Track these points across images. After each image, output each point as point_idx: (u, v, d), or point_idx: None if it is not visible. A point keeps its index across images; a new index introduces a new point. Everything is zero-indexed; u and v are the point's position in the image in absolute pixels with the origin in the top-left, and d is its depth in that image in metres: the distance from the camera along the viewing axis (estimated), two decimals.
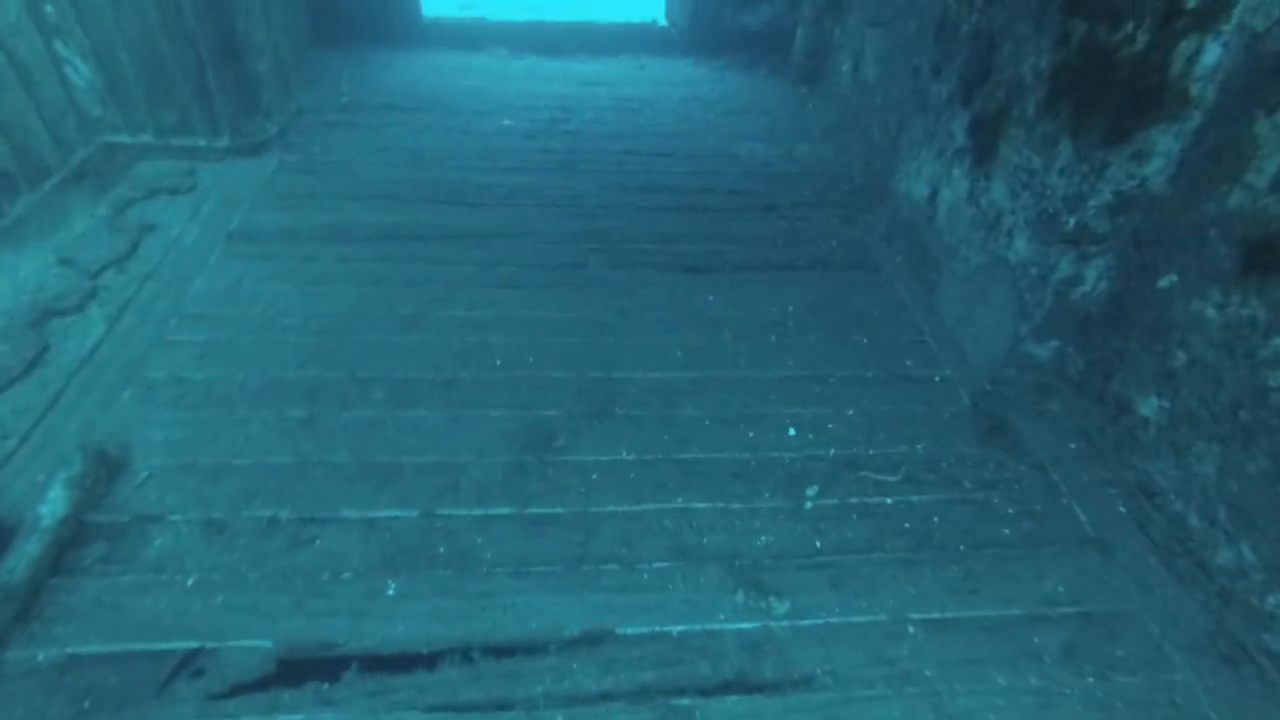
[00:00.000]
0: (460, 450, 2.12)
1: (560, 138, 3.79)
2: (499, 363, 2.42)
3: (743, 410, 2.30)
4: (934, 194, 2.81)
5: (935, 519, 1.98)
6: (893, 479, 2.10)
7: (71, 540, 1.81)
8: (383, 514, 1.94)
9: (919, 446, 2.20)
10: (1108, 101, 1.99)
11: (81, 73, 3.19)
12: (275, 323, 2.50)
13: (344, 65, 4.35)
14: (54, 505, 1.83)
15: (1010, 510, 2.00)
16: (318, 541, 1.88)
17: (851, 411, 2.31)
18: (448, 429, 2.18)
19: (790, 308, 2.73)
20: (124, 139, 3.32)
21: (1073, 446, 2.19)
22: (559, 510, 1.97)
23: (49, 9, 3.04)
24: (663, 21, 5.00)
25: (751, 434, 2.22)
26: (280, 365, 2.34)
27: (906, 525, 1.97)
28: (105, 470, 1.95)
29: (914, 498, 2.05)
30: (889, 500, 2.04)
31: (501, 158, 3.57)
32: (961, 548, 1.91)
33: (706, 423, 2.25)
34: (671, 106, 4.22)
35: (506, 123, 3.91)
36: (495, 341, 2.49)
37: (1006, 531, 1.95)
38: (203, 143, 3.34)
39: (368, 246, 2.88)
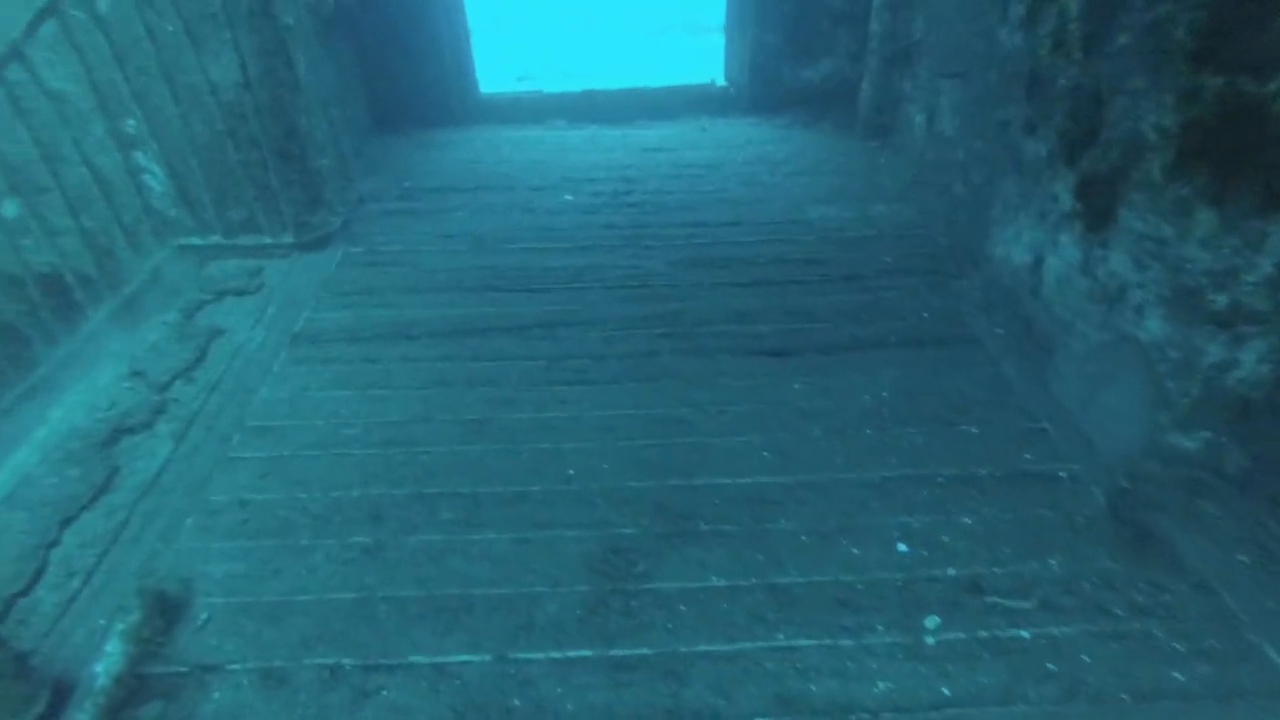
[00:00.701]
0: (534, 579, 1.94)
1: (623, 211, 3.67)
2: (571, 472, 2.24)
3: (843, 521, 2.06)
4: (1038, 261, 2.55)
5: (1085, 658, 1.69)
6: (1026, 605, 1.81)
7: (126, 700, 1.69)
8: (452, 659, 1.76)
9: (1052, 562, 1.92)
10: (1261, 164, 1.72)
11: (158, 178, 3.24)
12: (337, 435, 2.39)
13: (404, 149, 4.37)
14: (110, 661, 1.71)
15: (1179, 647, 1.69)
16: (384, 693, 1.71)
17: (968, 519, 2.04)
18: (519, 554, 2.00)
19: (884, 393, 2.49)
20: (195, 240, 3.35)
21: (1243, 560, 1.86)
22: (645, 651, 1.76)
23: (130, 124, 3.10)
24: (721, 81, 4.90)
25: (855, 551, 1.97)
26: (343, 484, 2.22)
27: (1051, 667, 1.68)
28: (164, 617, 1.84)
29: (1055, 630, 1.76)
30: (1025, 633, 1.76)
31: (564, 236, 3.47)
32: (1125, 697, 1.61)
33: (803, 538, 2.02)
34: (736, 170, 4.07)
35: (567, 198, 3.82)
36: (567, 448, 2.32)
37: (1179, 677, 1.64)
38: (269, 240, 3.34)
39: (431, 344, 2.78)
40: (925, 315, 2.86)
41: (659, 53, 6.31)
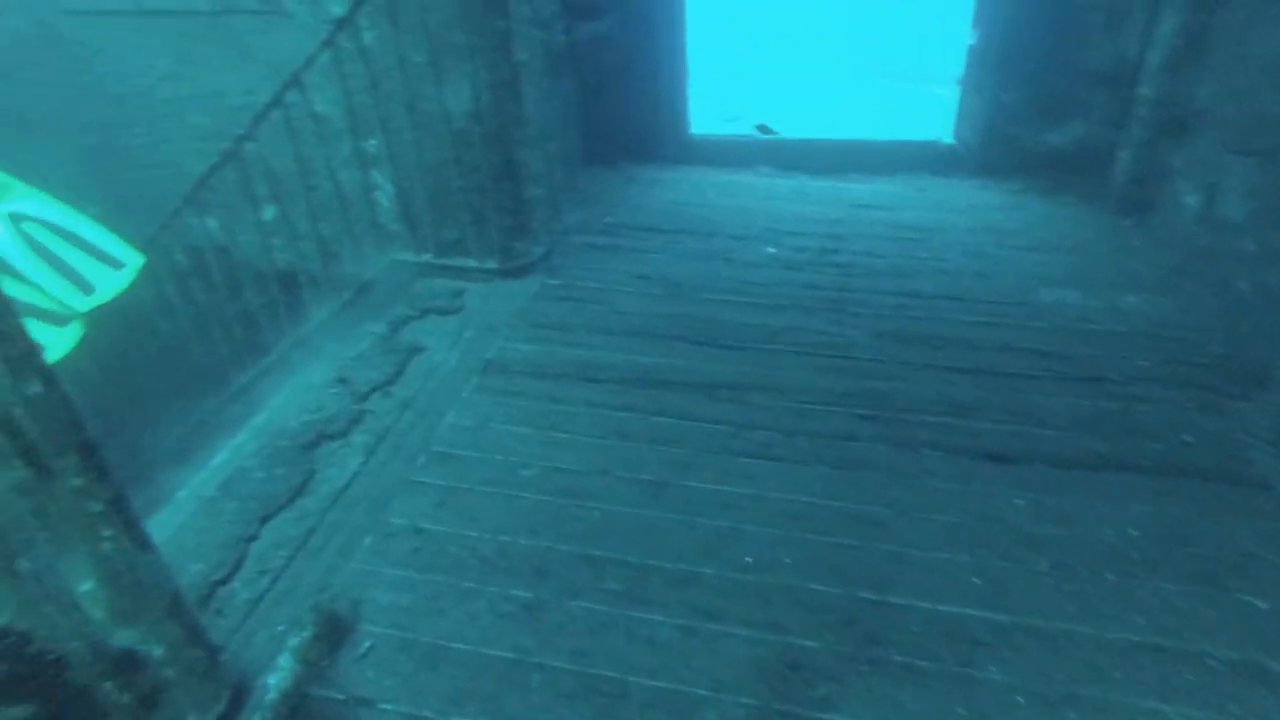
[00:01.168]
0: (697, 678, 1.75)
1: (828, 271, 3.44)
2: (749, 560, 2.05)
3: (1072, 688, 1.70)
4: None
5: None
6: None
7: (288, 717, 1.70)
8: None
9: None
10: None
11: (388, 195, 3.45)
12: (514, 474, 2.35)
13: (612, 183, 4.41)
14: (281, 676, 1.74)
15: None
16: None
17: None
18: (684, 645, 1.83)
19: (1133, 532, 2.08)
20: (409, 257, 3.53)
21: None
22: None
23: (372, 144, 3.34)
24: (948, 139, 4.53)
25: None
26: (513, 528, 2.16)
27: None
28: (332, 638, 1.85)
29: None
30: None
31: (762, 292, 3.29)
32: None
33: (1019, 699, 1.68)
34: (958, 237, 3.71)
35: (769, 250, 3.65)
36: (747, 530, 2.13)
37: None
38: (474, 264, 3.45)
39: (615, 391, 2.70)
40: (1189, 440, 2.38)
41: (859, 100, 6.02)
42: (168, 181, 4.01)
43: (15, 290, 3.12)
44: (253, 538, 2.20)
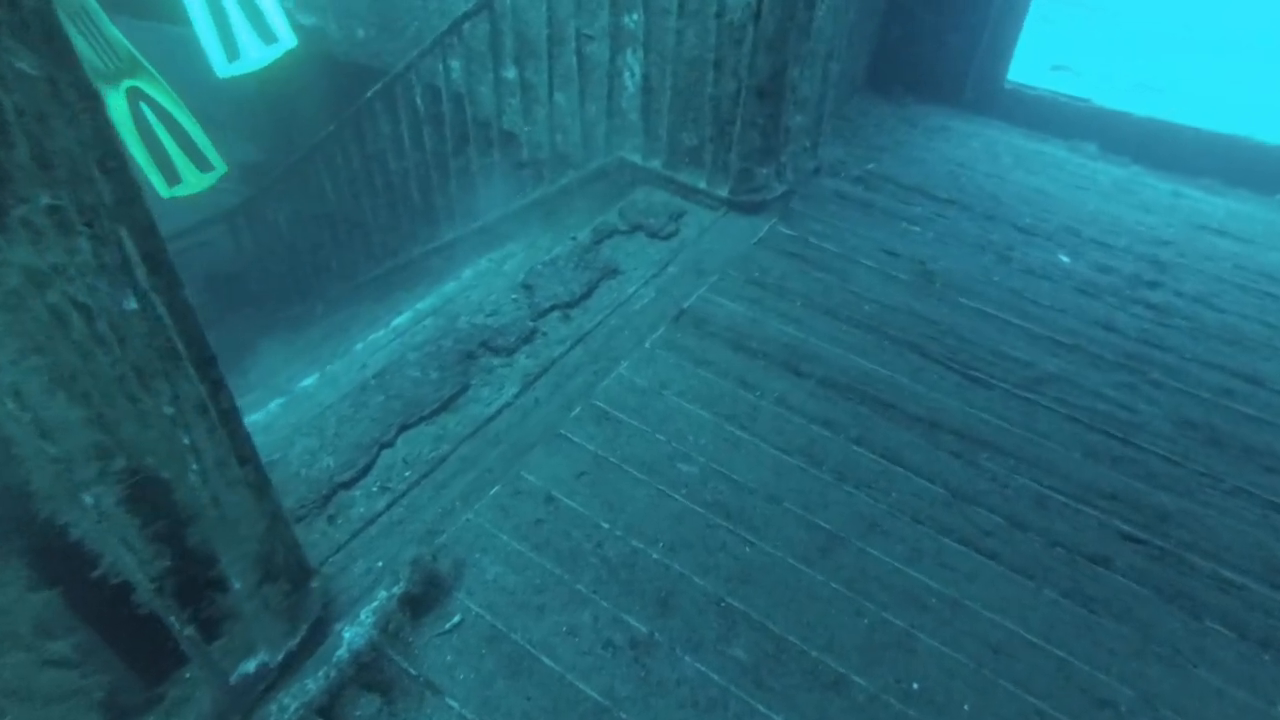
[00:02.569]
0: None
1: (1136, 311, 2.63)
2: (916, 687, 1.59)
3: None
4: None
5: None
6: None
7: (354, 677, 1.55)
8: None
9: None
10: None
11: (635, 80, 3.04)
12: (672, 466, 2.01)
13: (887, 121, 3.68)
14: (357, 631, 1.58)
15: None
16: None
17: None
18: None
19: None
20: (637, 159, 3.14)
21: None
22: None
23: (631, 19, 2.90)
24: None
25: None
26: (651, 533, 1.84)
27: None
28: (426, 599, 1.67)
29: None
30: None
31: (1039, 314, 2.58)
32: None
33: None
34: None
35: (1063, 259, 2.86)
36: (924, 643, 1.66)
37: None
38: (703, 185, 3.00)
39: (819, 395, 2.22)
40: None
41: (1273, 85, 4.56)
42: (431, 17, 3.86)
43: None
44: (388, 444, 2.06)
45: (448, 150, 3.74)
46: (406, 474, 1.99)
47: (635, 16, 2.89)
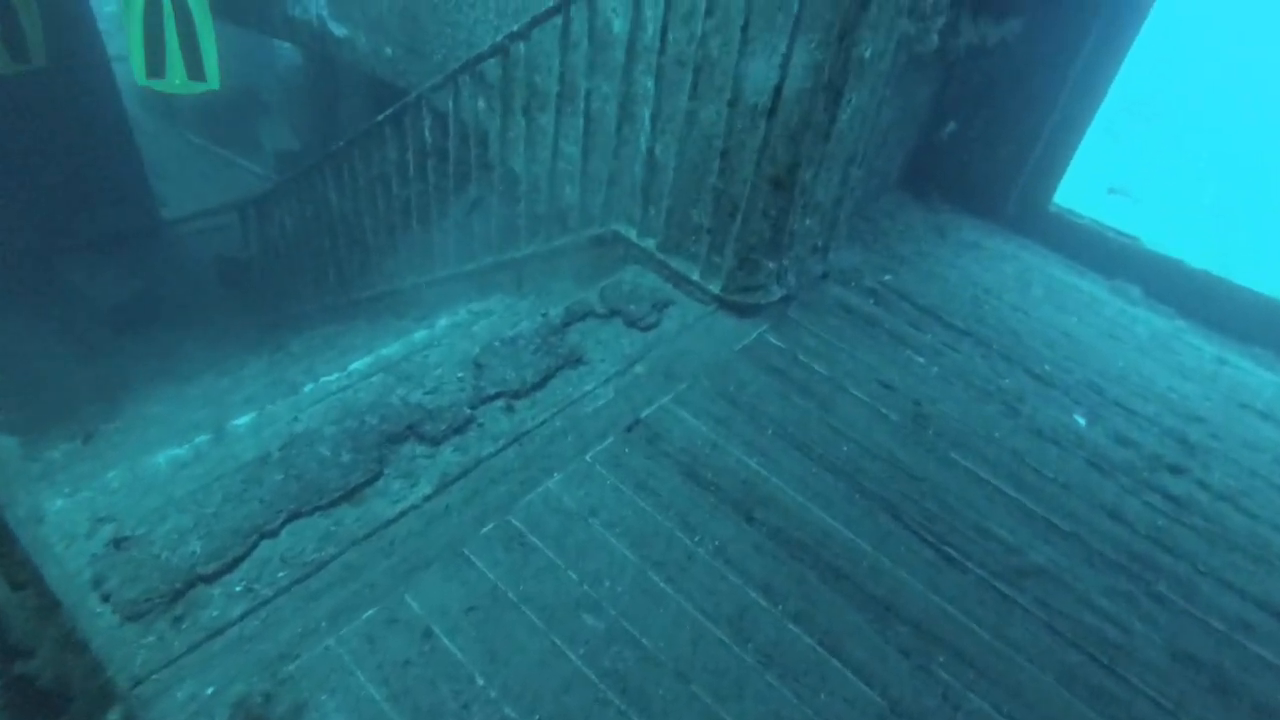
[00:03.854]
0: None
1: (1152, 500, 2.31)
2: None
3: None
4: None
5: None
6: None
7: None
8: None
9: None
10: None
11: (640, 154, 2.82)
12: (577, 616, 1.75)
13: (914, 227, 3.41)
14: None
15: None
16: None
17: None
18: None
19: None
20: (632, 235, 2.92)
21: None
22: None
23: (644, 85, 2.70)
24: None
25: None
26: (529, 701, 1.58)
27: None
28: None
29: None
30: None
31: (1038, 487, 2.28)
32: None
33: None
34: None
35: (1079, 420, 2.55)
36: None
37: None
38: (695, 276, 2.76)
39: (765, 551, 1.95)
40: None
41: None
42: (457, 46, 3.72)
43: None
44: (270, 534, 1.83)
45: (449, 186, 3.56)
46: (280, 574, 1.76)
47: (647, 88, 2.68)
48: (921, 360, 2.67)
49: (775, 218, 2.60)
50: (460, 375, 2.33)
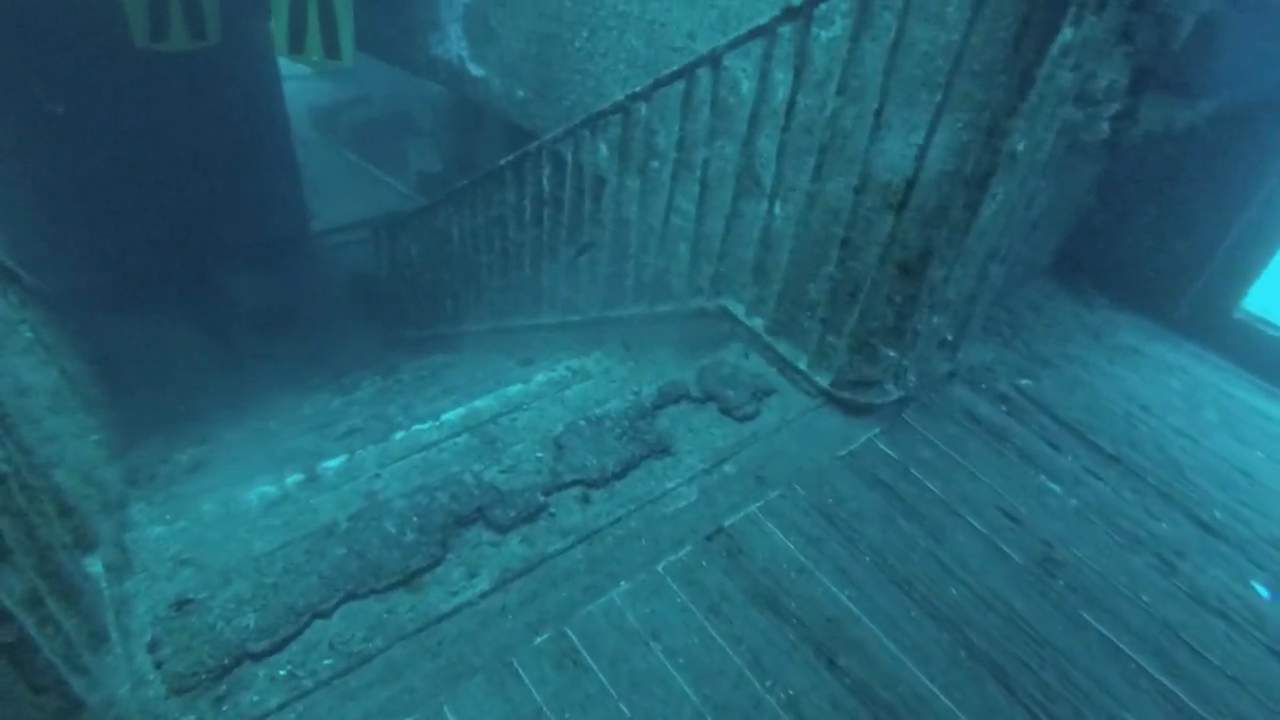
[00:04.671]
0: None
1: None
2: None
3: None
4: None
5: None
6: None
7: None
8: None
9: None
10: None
11: (755, 229, 2.65)
12: None
13: (1059, 324, 3.02)
14: None
15: None
16: None
17: None
18: None
19: None
20: (739, 312, 2.74)
21: None
22: None
23: (759, 165, 2.53)
24: None
25: None
26: None
27: None
28: None
29: None
30: None
31: (1194, 675, 1.90)
32: None
33: None
34: None
35: (1259, 590, 2.13)
36: None
37: None
38: (803, 365, 2.54)
39: (843, 710, 1.71)
40: None
41: None
42: (586, 94, 3.69)
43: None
44: (324, 614, 1.78)
45: (561, 236, 3.52)
46: (325, 662, 1.70)
47: (769, 157, 2.51)
48: (1057, 489, 2.32)
49: (900, 305, 2.35)
50: (540, 455, 2.23)
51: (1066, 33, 1.87)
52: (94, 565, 1.74)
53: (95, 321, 5.57)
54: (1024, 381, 2.70)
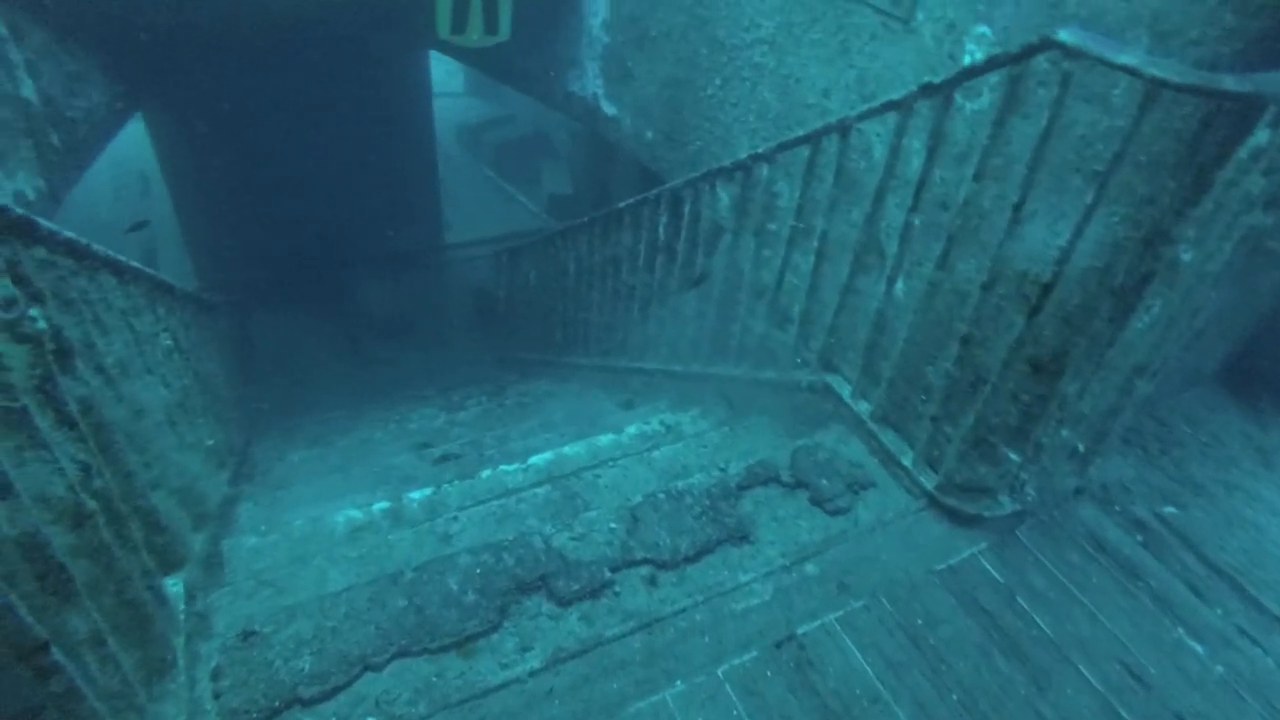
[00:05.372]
0: None
1: None
2: None
3: None
4: None
5: None
6: None
7: None
8: None
9: None
10: None
11: (869, 310, 2.48)
12: None
13: (1226, 443, 2.63)
14: None
15: None
16: None
17: None
18: None
19: None
20: (844, 392, 2.57)
21: None
22: None
23: (880, 239, 2.37)
24: None
25: None
26: None
27: None
28: None
29: None
30: None
31: None
32: None
33: None
34: None
35: None
36: None
37: None
38: (907, 461, 2.33)
39: None
40: None
41: None
42: (713, 143, 3.63)
43: None
44: (375, 668, 1.78)
45: (672, 285, 3.45)
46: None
47: (893, 230, 2.33)
48: (1199, 649, 1.99)
49: (1027, 405, 2.11)
50: (613, 525, 2.16)
51: (1261, 135, 1.61)
52: (175, 586, 1.82)
53: (243, 314, 6.04)
54: (1168, 509, 2.36)
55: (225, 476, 2.91)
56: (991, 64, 1.84)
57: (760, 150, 2.65)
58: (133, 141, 7.15)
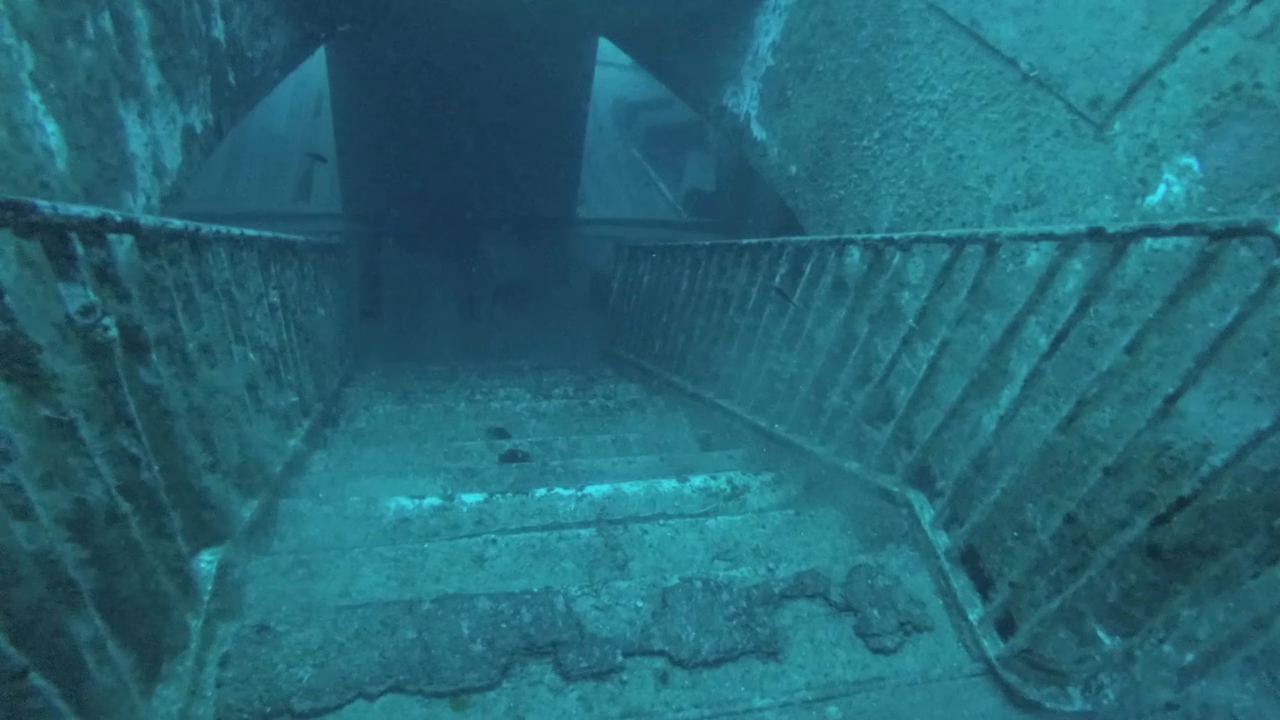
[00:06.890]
0: None
1: None
2: None
3: None
4: None
5: None
6: None
7: None
8: None
9: None
10: None
11: (982, 434, 2.24)
12: None
13: None
14: None
15: None
16: None
17: None
18: None
19: None
20: (925, 516, 2.34)
21: None
22: None
23: (1015, 381, 2.11)
24: None
25: None
26: None
27: None
28: None
29: None
30: None
31: None
32: None
33: None
34: None
35: None
36: None
37: None
38: (973, 616, 2.09)
39: None
40: None
41: None
42: (855, 196, 3.40)
43: None
44: (369, 697, 1.78)
45: (775, 341, 3.27)
46: None
47: (1017, 371, 2.07)
48: None
49: (1131, 589, 1.84)
50: (641, 604, 2.06)
51: None
52: (210, 563, 1.88)
53: (375, 251, 6.28)
54: None
55: (302, 432, 3.02)
56: (1181, 230, 1.56)
57: (895, 236, 2.41)
58: (316, 61, 7.57)
